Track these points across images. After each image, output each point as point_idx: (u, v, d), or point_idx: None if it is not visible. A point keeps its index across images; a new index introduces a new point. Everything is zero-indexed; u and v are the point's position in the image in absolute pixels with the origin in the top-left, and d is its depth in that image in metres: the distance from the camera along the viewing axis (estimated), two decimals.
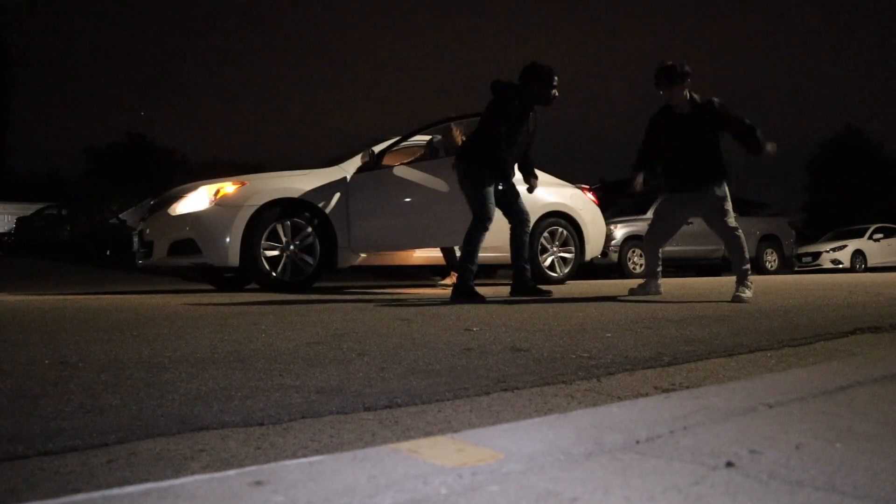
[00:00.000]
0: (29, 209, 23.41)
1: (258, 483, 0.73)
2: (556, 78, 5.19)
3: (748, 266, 4.92)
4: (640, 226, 12.82)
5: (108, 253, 19.03)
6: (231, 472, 0.77)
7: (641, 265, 12.67)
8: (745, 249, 4.98)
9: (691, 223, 13.42)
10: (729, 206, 5.09)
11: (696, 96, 5.17)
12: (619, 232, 12.55)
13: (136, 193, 31.91)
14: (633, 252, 12.48)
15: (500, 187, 5.22)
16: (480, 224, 5.02)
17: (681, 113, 5.16)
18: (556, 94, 5.20)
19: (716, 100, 5.14)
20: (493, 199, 5.11)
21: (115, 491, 0.72)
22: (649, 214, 13.12)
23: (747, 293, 4.79)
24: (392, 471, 0.78)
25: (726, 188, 5.19)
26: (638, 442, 0.91)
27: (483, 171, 5.08)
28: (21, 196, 30.31)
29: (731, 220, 5.05)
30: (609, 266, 12.48)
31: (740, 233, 5.03)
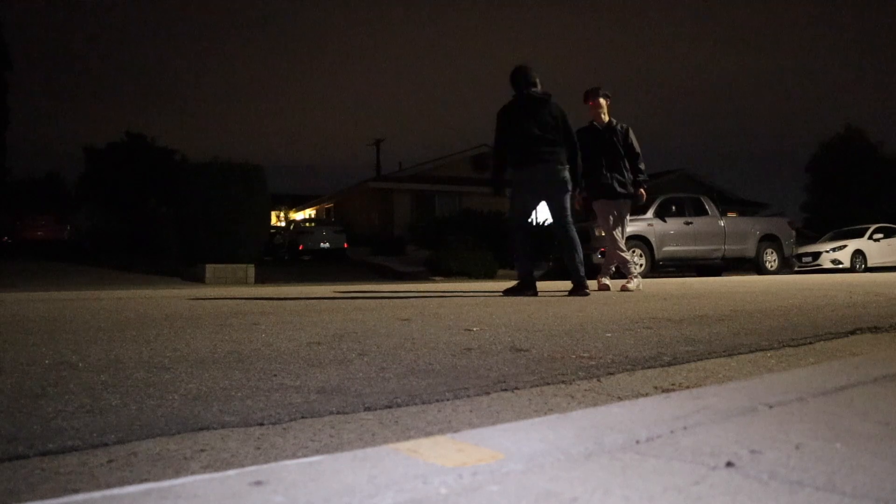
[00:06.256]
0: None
1: (258, 483, 0.73)
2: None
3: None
4: (639, 226, 12.83)
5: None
6: (231, 472, 0.77)
7: (641, 265, 12.68)
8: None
9: (691, 223, 13.53)
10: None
11: (612, 119, 6.34)
12: None
13: (136, 193, 31.86)
14: (633, 252, 12.48)
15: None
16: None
17: (599, 128, 6.34)
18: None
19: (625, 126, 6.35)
20: None
21: (115, 491, 0.72)
22: (649, 214, 13.15)
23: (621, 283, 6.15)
24: (392, 471, 0.78)
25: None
26: (638, 442, 0.91)
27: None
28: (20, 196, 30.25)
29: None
30: None
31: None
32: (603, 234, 6.43)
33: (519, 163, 5.40)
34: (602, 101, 6.31)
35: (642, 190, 6.33)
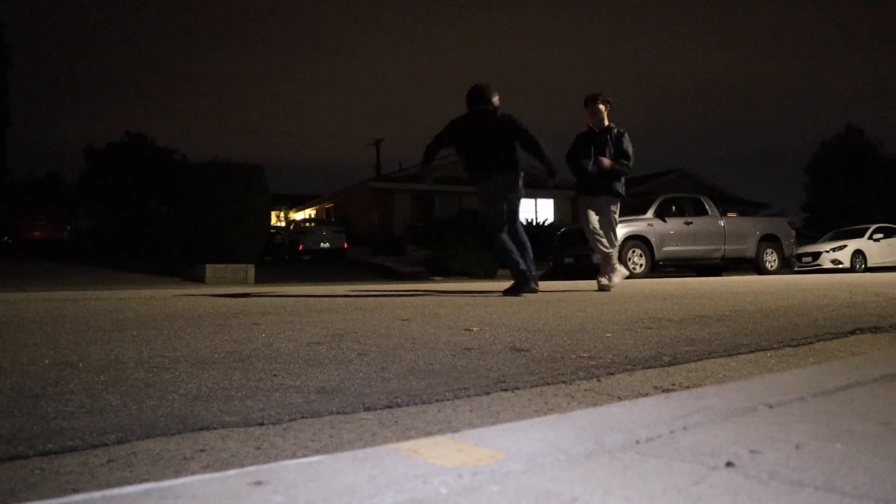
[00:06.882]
0: None
1: (258, 483, 0.73)
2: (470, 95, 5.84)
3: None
4: (639, 226, 12.84)
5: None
6: (231, 472, 0.77)
7: (641, 265, 12.68)
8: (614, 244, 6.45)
9: (691, 223, 13.54)
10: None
11: (611, 124, 6.44)
12: (620, 231, 12.56)
13: (136, 193, 31.84)
14: (633, 252, 12.49)
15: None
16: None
17: (596, 131, 6.44)
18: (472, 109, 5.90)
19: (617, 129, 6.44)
20: None
21: (115, 491, 0.72)
22: (649, 214, 13.16)
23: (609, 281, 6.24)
24: (392, 471, 0.78)
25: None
26: (638, 442, 0.91)
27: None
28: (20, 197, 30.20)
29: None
30: None
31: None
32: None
33: (476, 175, 5.78)
34: (601, 106, 6.45)
35: (608, 162, 6.21)
